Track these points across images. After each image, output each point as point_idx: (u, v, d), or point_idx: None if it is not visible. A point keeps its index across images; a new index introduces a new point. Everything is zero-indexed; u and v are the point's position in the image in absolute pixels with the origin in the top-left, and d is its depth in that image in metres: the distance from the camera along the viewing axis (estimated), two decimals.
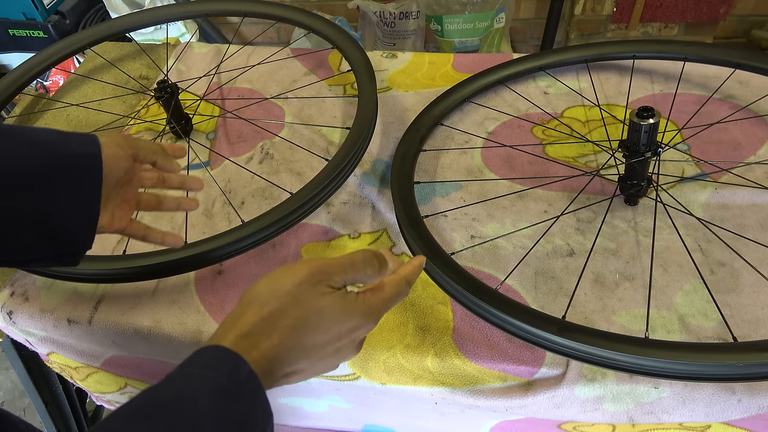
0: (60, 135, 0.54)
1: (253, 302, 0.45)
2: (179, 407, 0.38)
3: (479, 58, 1.03)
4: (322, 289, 0.46)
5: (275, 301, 0.45)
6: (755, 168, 0.80)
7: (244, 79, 1.04)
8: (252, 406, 0.41)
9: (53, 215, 0.51)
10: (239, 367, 0.41)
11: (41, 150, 0.51)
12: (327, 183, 0.74)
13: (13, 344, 0.87)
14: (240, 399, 0.40)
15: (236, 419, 0.40)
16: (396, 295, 0.49)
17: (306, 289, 0.45)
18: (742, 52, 0.86)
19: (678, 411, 0.61)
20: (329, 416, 0.82)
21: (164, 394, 0.40)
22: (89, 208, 0.53)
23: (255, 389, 0.42)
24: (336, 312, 0.45)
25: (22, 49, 1.96)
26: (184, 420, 0.38)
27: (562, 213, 0.76)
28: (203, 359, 0.42)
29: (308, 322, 0.45)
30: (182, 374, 0.41)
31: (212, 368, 0.41)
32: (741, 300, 0.66)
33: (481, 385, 0.64)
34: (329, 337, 0.46)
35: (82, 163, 0.53)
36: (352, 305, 0.46)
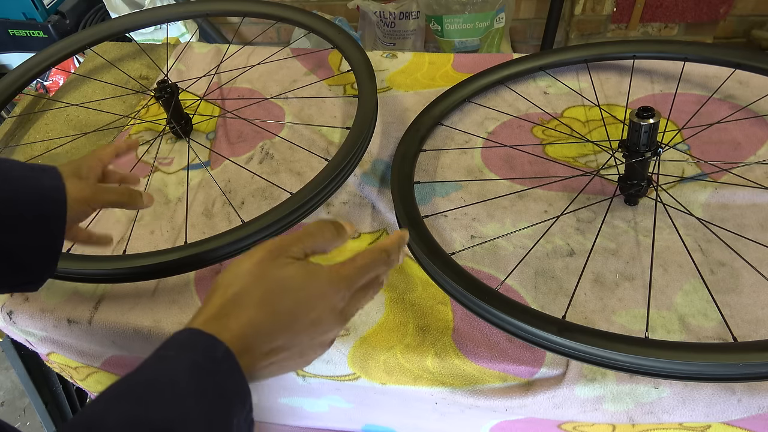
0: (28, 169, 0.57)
1: (217, 288, 0.46)
2: (159, 386, 0.39)
3: (479, 58, 1.03)
4: (282, 261, 0.46)
5: (238, 281, 0.45)
6: (755, 168, 0.80)
7: (244, 79, 1.04)
8: (230, 383, 0.41)
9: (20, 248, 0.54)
10: (214, 346, 0.42)
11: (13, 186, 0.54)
12: (327, 183, 0.74)
13: (13, 344, 0.87)
14: (217, 376, 0.41)
15: (216, 395, 0.40)
16: (370, 263, 0.49)
17: (266, 264, 0.46)
18: (742, 52, 0.86)
19: (678, 411, 0.61)
20: (329, 416, 0.82)
21: (144, 376, 0.40)
22: (54, 241, 0.56)
23: (231, 367, 0.42)
24: (298, 279, 0.46)
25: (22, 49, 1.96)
26: (165, 398, 0.38)
27: (562, 213, 0.76)
28: (178, 341, 0.43)
29: (272, 293, 0.45)
30: (159, 357, 0.42)
31: (188, 348, 0.42)
32: (741, 300, 0.66)
33: (481, 385, 0.64)
34: (299, 305, 0.45)
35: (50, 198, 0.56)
36: (315, 271, 0.47)
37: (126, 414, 0.37)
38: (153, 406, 0.38)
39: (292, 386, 0.74)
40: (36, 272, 0.57)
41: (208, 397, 0.39)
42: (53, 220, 0.55)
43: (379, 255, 0.49)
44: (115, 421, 0.36)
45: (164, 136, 0.94)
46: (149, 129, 0.97)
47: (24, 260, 0.55)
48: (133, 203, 0.64)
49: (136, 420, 0.36)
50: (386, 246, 0.50)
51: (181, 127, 0.93)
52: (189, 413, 0.38)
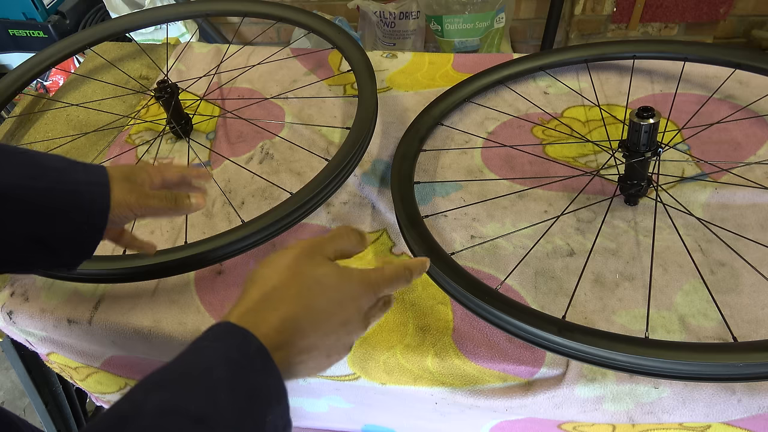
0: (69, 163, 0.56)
1: (255, 282, 0.47)
2: (194, 376, 0.40)
3: (479, 58, 1.03)
4: (318, 260, 0.48)
5: (276, 276, 0.47)
6: (755, 168, 0.80)
7: (244, 79, 1.04)
8: (264, 378, 0.42)
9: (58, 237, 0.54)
10: (248, 340, 0.42)
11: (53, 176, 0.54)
12: (327, 183, 0.74)
13: (13, 344, 0.87)
14: (251, 370, 0.41)
15: (249, 389, 0.40)
16: (395, 276, 0.50)
17: (303, 261, 0.48)
18: (742, 52, 0.86)
19: (678, 411, 0.61)
20: (329, 416, 0.82)
21: (179, 367, 0.41)
22: (94, 234, 0.55)
23: (265, 363, 0.42)
24: (333, 278, 0.47)
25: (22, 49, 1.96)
26: (200, 388, 0.39)
27: (562, 213, 0.76)
28: (214, 333, 0.44)
29: (309, 289, 0.46)
30: (194, 348, 0.43)
31: (222, 341, 0.43)
32: (741, 300, 0.66)
33: (481, 385, 0.64)
34: (332, 303, 0.46)
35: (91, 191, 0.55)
36: (348, 272, 0.48)
37: (162, 403, 0.38)
38: (188, 395, 0.39)
39: (292, 386, 0.73)
40: (69, 260, 0.56)
41: (241, 390, 0.40)
42: (94, 215, 0.54)
43: (404, 272, 0.51)
44: (151, 409, 0.37)
45: (164, 136, 0.94)
46: (149, 129, 0.97)
47: (59, 249, 0.54)
48: (181, 208, 0.60)
49: (172, 409, 0.37)
50: (410, 265, 0.52)
51: (181, 127, 0.93)
52: (222, 404, 0.39)
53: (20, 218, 0.52)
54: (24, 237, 0.53)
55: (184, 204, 0.60)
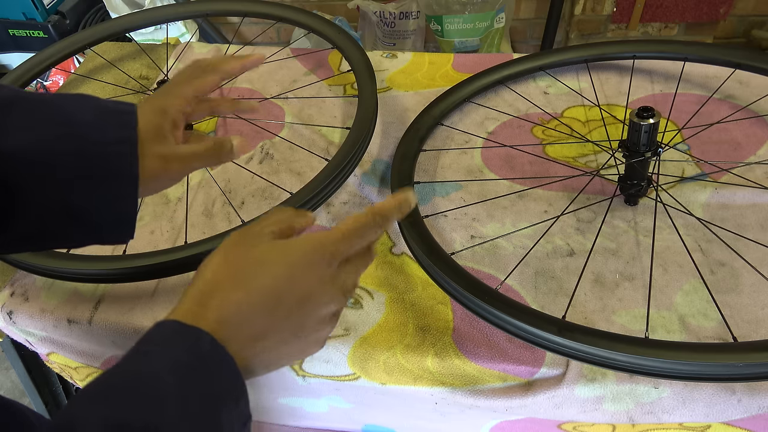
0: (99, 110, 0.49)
1: (192, 281, 0.43)
2: (141, 387, 0.37)
3: (479, 58, 1.03)
4: (252, 241, 0.44)
5: (210, 269, 0.43)
6: (755, 168, 0.80)
7: (244, 79, 1.04)
8: (218, 379, 0.39)
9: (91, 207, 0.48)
10: (199, 340, 0.39)
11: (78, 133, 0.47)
12: (327, 183, 0.74)
13: (13, 344, 0.87)
14: (203, 373, 0.38)
15: (202, 394, 0.37)
16: (358, 226, 0.44)
17: (236, 248, 0.43)
18: (742, 52, 0.86)
19: (678, 411, 0.61)
20: (329, 416, 0.82)
21: (125, 375, 0.38)
22: (126, 201, 0.49)
23: (220, 360, 0.39)
24: (272, 252, 0.43)
25: (22, 49, 1.96)
26: (147, 400, 0.36)
27: (562, 213, 0.76)
28: (160, 335, 0.40)
29: (245, 271, 0.42)
30: (140, 352, 0.39)
31: (170, 344, 0.39)
32: (741, 300, 0.66)
33: (481, 385, 0.64)
34: (277, 279, 0.41)
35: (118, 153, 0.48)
36: (292, 242, 0.43)
37: (107, 417, 0.35)
38: (132, 408, 0.35)
39: (292, 386, 0.74)
40: (111, 232, 0.50)
41: (193, 397, 0.37)
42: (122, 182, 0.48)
43: (371, 219, 0.45)
44: (95, 425, 0.34)
45: None
46: None
47: (93, 220, 0.48)
48: (223, 158, 0.53)
49: (115, 423, 0.34)
50: (381, 208, 0.45)
51: None
52: (173, 415, 0.36)
53: (46, 187, 0.46)
54: (55, 209, 0.47)
55: (227, 151, 0.53)
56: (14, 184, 0.45)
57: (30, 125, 0.46)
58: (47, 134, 0.46)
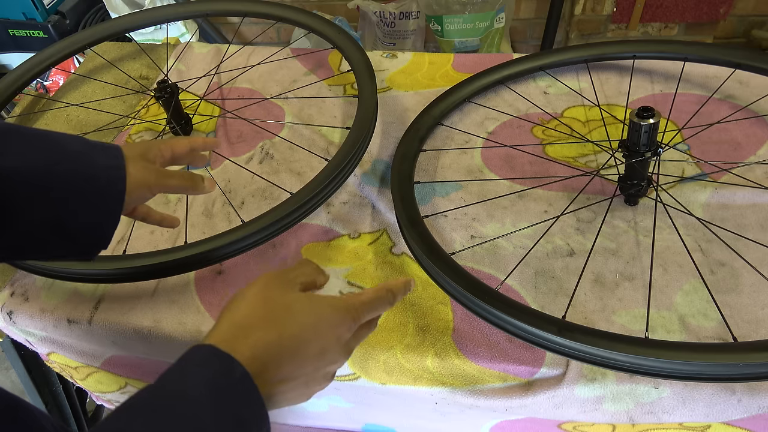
0: (88, 145, 0.56)
1: (225, 313, 0.47)
2: (179, 402, 0.39)
3: (479, 58, 1.03)
4: (287, 287, 0.48)
5: (245, 305, 0.47)
6: (755, 168, 0.80)
7: (244, 79, 1.04)
8: (247, 404, 0.42)
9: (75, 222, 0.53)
10: (233, 365, 0.42)
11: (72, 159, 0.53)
12: (327, 183, 0.74)
13: (13, 344, 0.87)
14: (235, 396, 0.41)
15: (233, 415, 0.40)
16: (376, 299, 0.50)
17: (272, 288, 0.48)
18: (742, 52, 0.86)
19: (678, 411, 0.61)
20: (329, 416, 0.82)
21: (163, 392, 0.40)
22: (110, 218, 0.55)
23: (249, 388, 0.42)
24: (303, 304, 0.47)
25: (22, 49, 1.96)
26: (184, 415, 0.39)
27: (562, 213, 0.76)
28: (198, 357, 0.43)
29: (278, 315, 0.46)
30: (180, 371, 0.42)
31: (207, 366, 0.42)
32: (741, 300, 0.66)
33: (481, 385, 0.64)
34: (304, 330, 0.46)
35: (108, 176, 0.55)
36: (319, 299, 0.48)
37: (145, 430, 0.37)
38: (172, 422, 0.38)
39: None
40: (87, 247, 0.56)
41: (225, 416, 0.39)
42: (110, 199, 0.54)
43: (386, 294, 0.51)
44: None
45: (164, 136, 0.94)
46: (149, 129, 0.97)
47: (76, 235, 0.54)
48: (196, 188, 0.62)
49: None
50: (393, 287, 0.51)
51: (181, 127, 0.93)
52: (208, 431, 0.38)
53: (39, 204, 0.51)
54: (42, 223, 0.52)
55: (199, 185, 0.62)
56: (7, 200, 0.50)
57: (25, 150, 0.52)
58: (42, 158, 0.52)
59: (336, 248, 0.76)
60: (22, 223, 0.51)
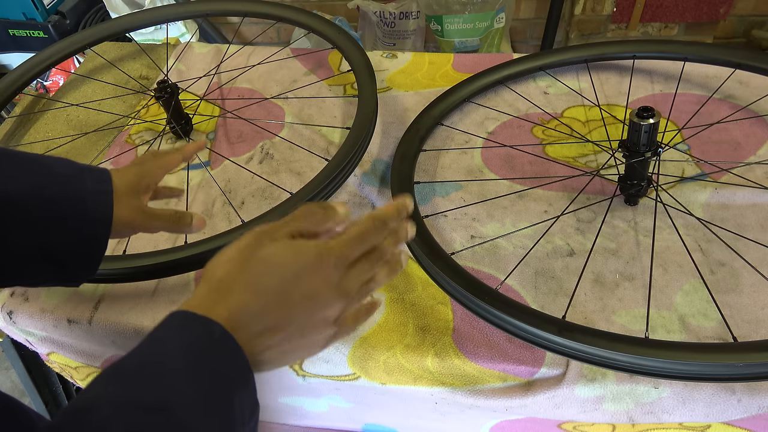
0: (76, 168, 0.56)
1: (203, 279, 0.45)
2: (152, 367, 0.39)
3: (479, 58, 1.03)
4: (265, 242, 0.45)
5: (220, 268, 0.45)
6: (755, 168, 0.80)
7: (244, 79, 1.04)
8: (228, 363, 0.41)
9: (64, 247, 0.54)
10: (210, 326, 0.41)
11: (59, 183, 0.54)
12: (327, 183, 0.74)
13: (13, 344, 0.87)
14: (213, 356, 0.40)
15: (213, 374, 0.39)
16: (363, 232, 0.46)
17: (248, 248, 0.45)
18: (742, 52, 0.86)
19: (678, 411, 0.61)
20: (329, 415, 0.82)
21: (137, 358, 0.40)
22: (97, 243, 0.56)
23: (230, 347, 0.41)
24: (283, 255, 0.44)
25: (22, 49, 1.96)
26: (158, 378, 0.38)
27: (562, 213, 0.76)
28: (172, 323, 0.42)
29: (256, 273, 0.44)
30: (152, 338, 0.42)
31: (183, 329, 0.42)
32: (741, 300, 0.66)
33: (481, 385, 0.64)
34: (285, 281, 0.43)
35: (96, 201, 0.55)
36: (299, 245, 0.45)
37: (118, 397, 0.37)
38: (145, 387, 0.38)
39: (292, 385, 0.74)
40: (74, 273, 0.56)
41: (204, 377, 0.39)
42: (97, 224, 0.55)
43: (372, 223, 0.46)
44: (108, 404, 0.36)
45: (164, 136, 0.94)
46: (149, 129, 0.97)
47: (64, 260, 0.54)
48: (182, 229, 0.62)
49: (128, 402, 0.36)
50: (381, 214, 0.47)
51: (181, 127, 0.93)
52: (183, 392, 0.38)
53: (27, 228, 0.52)
54: (29, 248, 0.53)
55: (185, 224, 0.62)
56: None
57: (13, 173, 0.53)
58: (30, 182, 0.53)
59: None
60: (7, 247, 0.52)
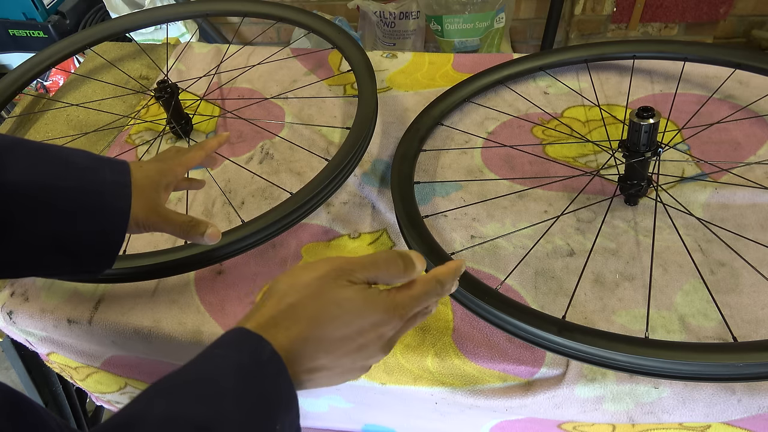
0: (95, 160, 0.56)
1: (272, 295, 0.45)
2: (201, 384, 0.39)
3: (479, 58, 1.03)
4: (343, 283, 0.45)
5: (294, 293, 0.45)
6: (755, 168, 0.80)
7: (244, 79, 1.04)
8: (275, 386, 0.41)
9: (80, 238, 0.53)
10: (262, 346, 0.41)
11: (77, 175, 0.53)
12: (327, 183, 0.74)
13: (13, 344, 0.87)
14: (261, 378, 0.40)
15: (258, 398, 0.40)
16: (424, 293, 0.47)
17: (326, 282, 0.45)
18: (742, 52, 0.86)
19: (678, 411, 0.61)
20: (329, 416, 0.82)
21: (187, 374, 0.41)
22: (115, 234, 0.55)
23: (278, 370, 0.41)
24: (356, 303, 0.44)
25: (22, 49, 1.96)
26: (206, 396, 0.39)
27: (562, 213, 0.76)
28: (226, 339, 0.43)
29: (328, 313, 0.44)
30: (205, 355, 0.42)
31: (234, 348, 0.42)
32: (741, 300, 0.66)
33: (481, 385, 0.64)
34: (350, 330, 0.44)
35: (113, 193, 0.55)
36: (373, 298, 0.45)
37: (165, 411, 0.37)
38: (193, 403, 0.38)
39: None
40: (91, 264, 0.56)
41: (249, 398, 0.39)
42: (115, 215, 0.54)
43: (434, 286, 0.48)
44: (156, 415, 0.37)
45: (164, 136, 0.94)
46: (149, 129, 0.97)
47: (79, 251, 0.54)
48: (192, 237, 0.60)
49: (175, 417, 0.37)
50: (442, 276, 0.48)
51: (181, 127, 0.93)
52: (229, 413, 0.38)
53: (42, 219, 0.51)
54: (45, 239, 0.52)
55: (198, 233, 0.59)
56: (10, 214, 0.50)
57: (31, 163, 0.52)
58: (47, 171, 0.52)
59: (336, 248, 0.76)
60: (23, 238, 0.51)
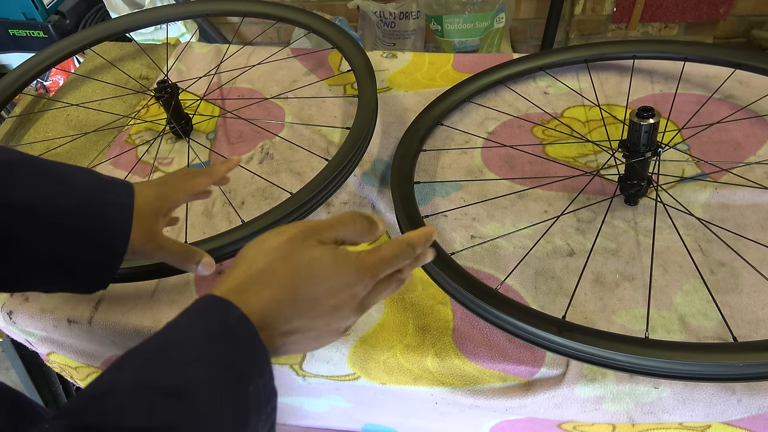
0: (98, 179, 0.56)
1: (242, 261, 0.46)
2: (170, 351, 0.40)
3: (479, 58, 1.03)
4: (312, 243, 0.45)
5: (263, 257, 0.45)
6: (755, 168, 0.80)
7: (244, 79, 1.04)
8: (246, 349, 0.41)
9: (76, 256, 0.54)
10: (230, 311, 0.42)
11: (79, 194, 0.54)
12: (327, 183, 0.74)
13: (13, 344, 0.87)
14: (231, 341, 0.41)
15: (229, 360, 0.40)
16: (394, 255, 0.47)
17: (295, 243, 0.45)
18: (742, 52, 0.86)
19: (678, 411, 0.61)
20: (329, 416, 0.82)
21: (155, 342, 0.41)
22: (112, 256, 0.55)
23: (247, 333, 0.41)
24: (326, 262, 0.45)
25: (22, 49, 1.96)
26: (175, 362, 0.39)
27: (562, 213, 0.76)
28: (194, 307, 0.43)
29: (298, 275, 0.44)
30: (174, 323, 0.42)
31: (203, 314, 0.42)
32: (741, 300, 0.66)
33: (481, 385, 0.64)
34: (322, 289, 0.44)
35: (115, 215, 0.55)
36: (343, 257, 0.46)
37: (134, 380, 0.37)
38: (162, 370, 0.38)
39: (292, 385, 0.74)
40: (87, 283, 0.56)
41: (219, 361, 0.39)
42: (114, 237, 0.55)
43: (405, 248, 0.48)
44: (125, 386, 0.37)
45: (164, 136, 0.94)
46: (149, 129, 0.97)
47: (78, 270, 0.54)
48: (185, 267, 0.60)
49: (145, 384, 0.37)
50: (411, 239, 0.49)
51: (181, 127, 0.93)
52: (198, 377, 0.38)
53: (43, 235, 0.52)
54: (44, 255, 0.53)
55: (193, 262, 0.60)
56: (11, 232, 0.51)
57: (34, 183, 0.53)
58: (50, 191, 0.53)
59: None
60: (22, 254, 0.52)
